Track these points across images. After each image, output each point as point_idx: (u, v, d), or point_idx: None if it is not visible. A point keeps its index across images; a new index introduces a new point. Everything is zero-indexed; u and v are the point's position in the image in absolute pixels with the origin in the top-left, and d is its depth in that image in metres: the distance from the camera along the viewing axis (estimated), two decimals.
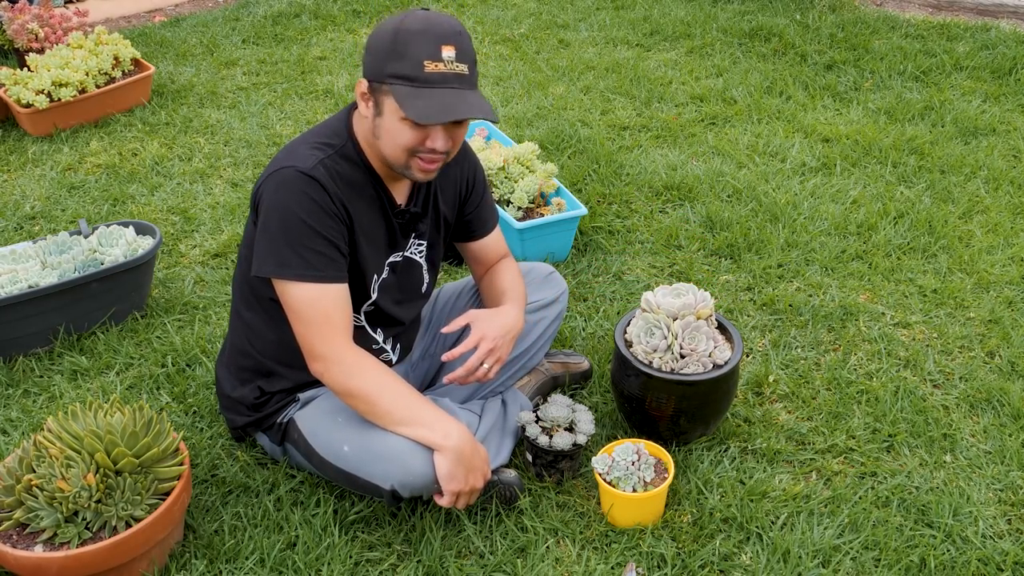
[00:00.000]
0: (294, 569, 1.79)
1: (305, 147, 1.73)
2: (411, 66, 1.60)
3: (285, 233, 1.68)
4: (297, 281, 1.70)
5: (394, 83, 1.62)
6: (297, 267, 1.69)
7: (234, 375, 1.97)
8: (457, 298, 2.22)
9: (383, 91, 1.64)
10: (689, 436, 2.07)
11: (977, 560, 1.80)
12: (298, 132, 3.76)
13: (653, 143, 3.63)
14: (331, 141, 1.75)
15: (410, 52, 1.60)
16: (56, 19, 4.13)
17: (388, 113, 1.66)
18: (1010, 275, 2.72)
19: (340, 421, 1.82)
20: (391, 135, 1.68)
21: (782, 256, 2.83)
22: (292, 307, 1.73)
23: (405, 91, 1.61)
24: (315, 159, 1.70)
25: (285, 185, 1.67)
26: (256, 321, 1.90)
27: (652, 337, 1.97)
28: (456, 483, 1.71)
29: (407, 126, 1.65)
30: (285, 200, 1.67)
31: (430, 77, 1.61)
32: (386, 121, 1.67)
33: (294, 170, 1.67)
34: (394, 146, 1.69)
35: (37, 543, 1.66)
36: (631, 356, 1.98)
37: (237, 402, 1.96)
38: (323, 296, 1.71)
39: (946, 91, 3.96)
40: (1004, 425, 2.16)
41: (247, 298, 1.90)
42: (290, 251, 1.68)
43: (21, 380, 2.35)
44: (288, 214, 1.67)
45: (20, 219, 3.13)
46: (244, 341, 1.93)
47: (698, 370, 1.94)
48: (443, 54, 1.61)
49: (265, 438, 1.99)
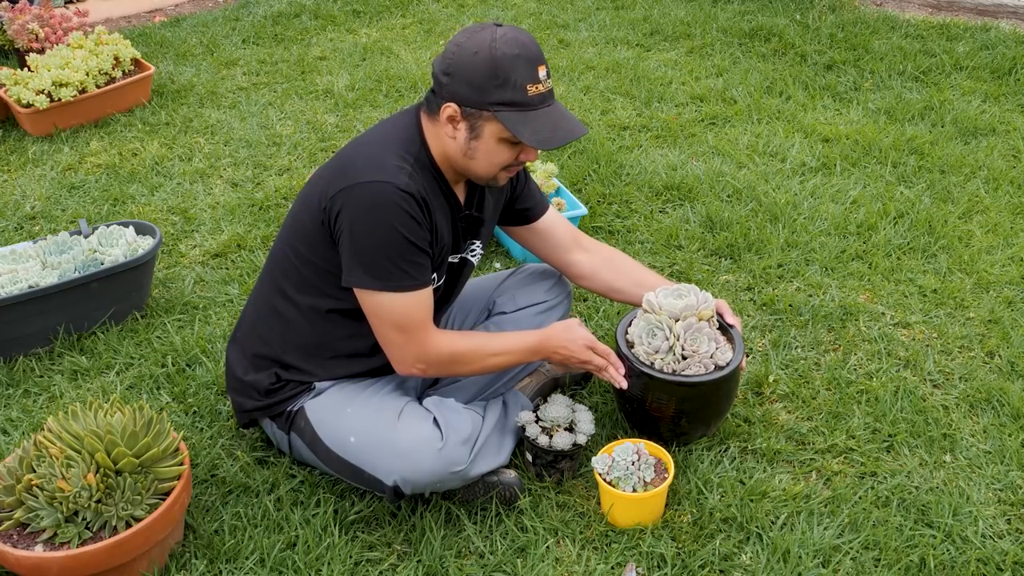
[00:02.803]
0: (294, 569, 1.79)
1: (389, 157, 1.73)
2: (515, 92, 1.66)
3: (386, 248, 1.70)
4: (397, 292, 1.73)
5: (500, 110, 1.66)
6: (398, 278, 1.72)
7: (249, 360, 1.95)
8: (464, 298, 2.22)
9: (484, 116, 1.68)
10: (690, 437, 2.07)
11: (977, 560, 1.80)
12: (298, 132, 3.76)
13: (653, 143, 3.63)
14: (410, 150, 1.76)
15: (512, 78, 1.65)
16: (56, 19, 4.13)
17: (488, 137, 1.70)
18: (1010, 275, 2.72)
19: (349, 412, 1.84)
20: (489, 156, 1.73)
21: (782, 256, 2.83)
22: (382, 315, 1.77)
23: (514, 117, 1.66)
24: (406, 173, 1.71)
25: (384, 202, 1.68)
26: (293, 313, 1.89)
27: (654, 338, 1.97)
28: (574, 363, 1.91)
29: (505, 147, 1.72)
30: (385, 216, 1.68)
31: (533, 100, 1.67)
32: (484, 144, 1.72)
33: (391, 186, 1.68)
34: (490, 165, 1.75)
35: (37, 543, 1.66)
36: (632, 357, 1.98)
37: (249, 386, 1.95)
38: (420, 301, 1.77)
39: (946, 91, 3.96)
40: (1004, 425, 2.16)
41: (284, 291, 1.90)
42: (392, 265, 1.71)
43: (21, 380, 2.36)
44: (389, 230, 1.69)
45: (20, 219, 3.13)
46: (273, 332, 1.92)
47: (699, 371, 1.94)
48: (540, 75, 1.67)
49: (272, 425, 1.99)
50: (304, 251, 1.82)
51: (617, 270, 2.15)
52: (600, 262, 2.15)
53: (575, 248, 2.14)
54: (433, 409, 1.85)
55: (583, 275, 2.15)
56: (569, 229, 2.15)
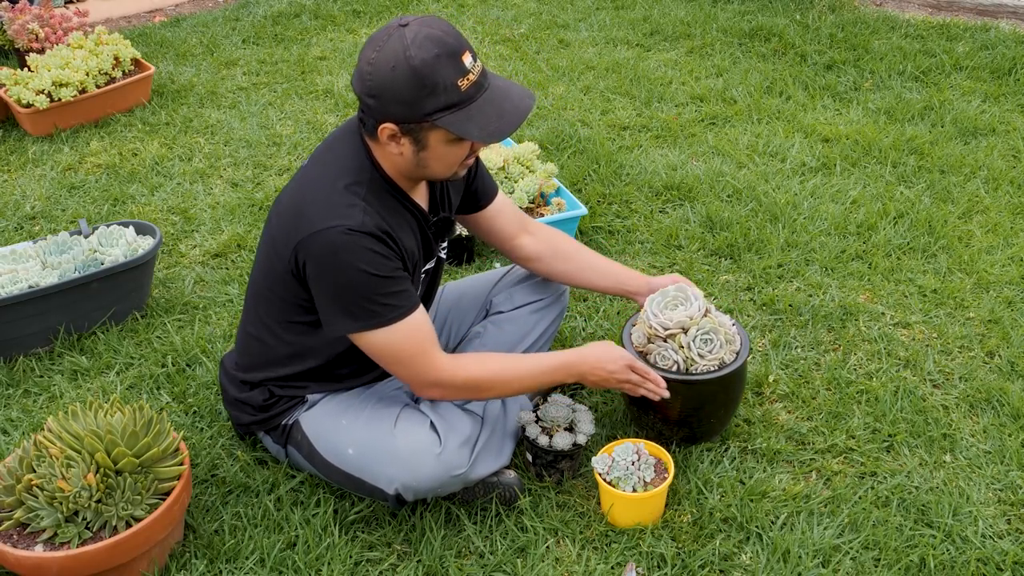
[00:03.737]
0: (294, 569, 1.79)
1: (338, 196, 1.65)
2: (448, 94, 1.56)
3: (358, 291, 1.65)
4: (385, 327, 1.68)
5: (439, 117, 1.58)
6: (382, 314, 1.67)
7: (241, 381, 1.95)
8: (461, 298, 2.22)
9: (424, 128, 1.61)
10: (704, 435, 2.06)
11: (977, 560, 1.80)
12: (298, 132, 3.75)
13: (653, 143, 3.63)
14: (359, 179, 1.69)
15: (440, 83, 1.55)
16: (56, 19, 4.13)
17: (435, 144, 1.63)
18: (1010, 275, 2.72)
19: (345, 424, 1.82)
20: (442, 159, 1.67)
21: (782, 256, 2.83)
22: (383, 352, 1.72)
23: (456, 119, 1.58)
24: (359, 209, 1.64)
25: (343, 248, 1.62)
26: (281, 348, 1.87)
27: (665, 361, 1.95)
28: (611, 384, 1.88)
29: (455, 146, 1.64)
30: (348, 261, 1.62)
31: (468, 93, 1.58)
32: (434, 151, 1.65)
33: (345, 229, 1.61)
34: (446, 166, 1.69)
35: (37, 543, 1.66)
36: (638, 357, 1.97)
37: (243, 403, 1.95)
38: (412, 328, 1.70)
39: (946, 91, 3.96)
40: (1004, 425, 2.16)
41: (268, 326, 1.86)
42: (369, 304, 1.66)
43: (21, 380, 2.36)
44: (357, 273, 1.63)
45: (20, 219, 3.13)
46: (261, 360, 1.91)
47: (707, 368, 1.93)
48: (466, 64, 1.58)
49: (268, 439, 1.99)
50: (283, 293, 1.78)
51: (561, 253, 2.11)
52: (545, 246, 2.11)
53: (521, 232, 2.11)
54: (430, 412, 1.85)
55: (527, 258, 2.11)
56: (517, 213, 2.11)
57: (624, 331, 2.05)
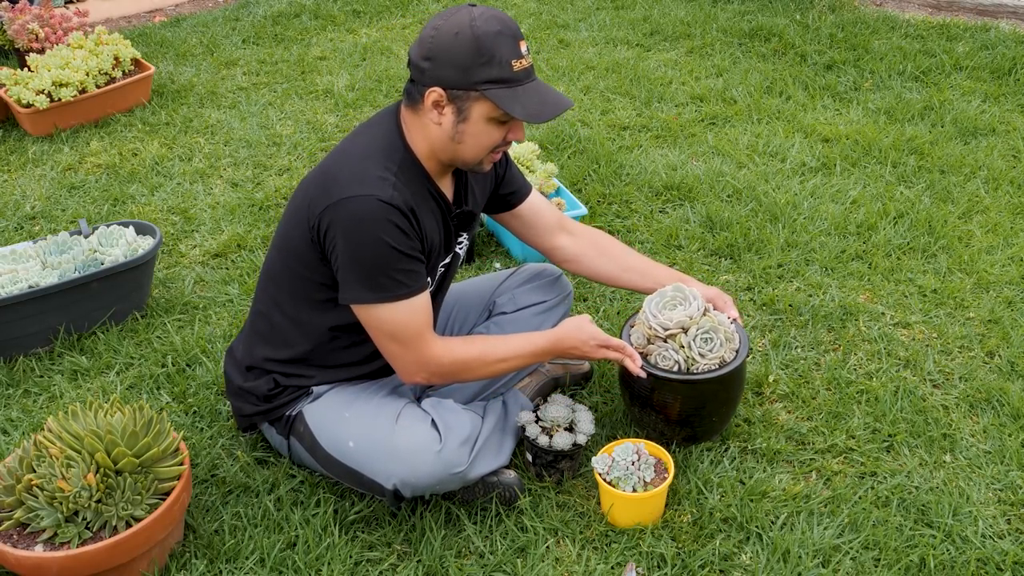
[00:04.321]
0: (294, 569, 1.79)
1: (372, 169, 1.70)
2: (502, 69, 1.63)
3: (376, 261, 1.68)
4: (392, 302, 1.72)
5: (488, 88, 1.64)
6: (392, 288, 1.71)
7: (247, 368, 1.96)
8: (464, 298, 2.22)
9: (472, 97, 1.66)
10: (705, 435, 2.06)
11: (977, 560, 1.80)
12: (298, 132, 3.76)
13: (653, 143, 3.63)
14: (392, 157, 1.74)
15: (497, 55, 1.63)
16: (56, 19, 4.13)
17: (476, 118, 1.68)
18: (1010, 275, 2.72)
19: (347, 416, 1.84)
20: (477, 138, 1.71)
21: (782, 256, 2.83)
22: (383, 328, 1.75)
23: (503, 94, 1.64)
24: (389, 184, 1.69)
25: (369, 216, 1.66)
26: (287, 326, 1.89)
27: (666, 361, 1.95)
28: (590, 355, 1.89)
29: (494, 127, 1.69)
30: (371, 230, 1.66)
31: (518, 75, 1.66)
32: (473, 126, 1.69)
33: (374, 199, 1.66)
34: (478, 147, 1.73)
35: (37, 543, 1.66)
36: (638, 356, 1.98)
37: (248, 392, 1.95)
38: (416, 309, 1.74)
39: (946, 91, 3.96)
40: (1004, 425, 2.16)
41: (279, 302, 1.89)
42: (384, 277, 1.70)
43: (21, 380, 2.36)
44: (378, 244, 1.67)
45: (20, 219, 3.13)
46: (269, 344, 1.92)
47: (706, 368, 1.93)
48: (522, 50, 1.66)
49: (271, 430, 1.99)
50: (296, 267, 1.81)
51: (604, 254, 2.13)
52: (587, 245, 2.12)
53: (559, 232, 2.12)
54: (431, 411, 1.85)
55: (568, 259, 2.13)
56: (554, 213, 2.13)
57: (623, 331, 2.05)
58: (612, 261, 2.12)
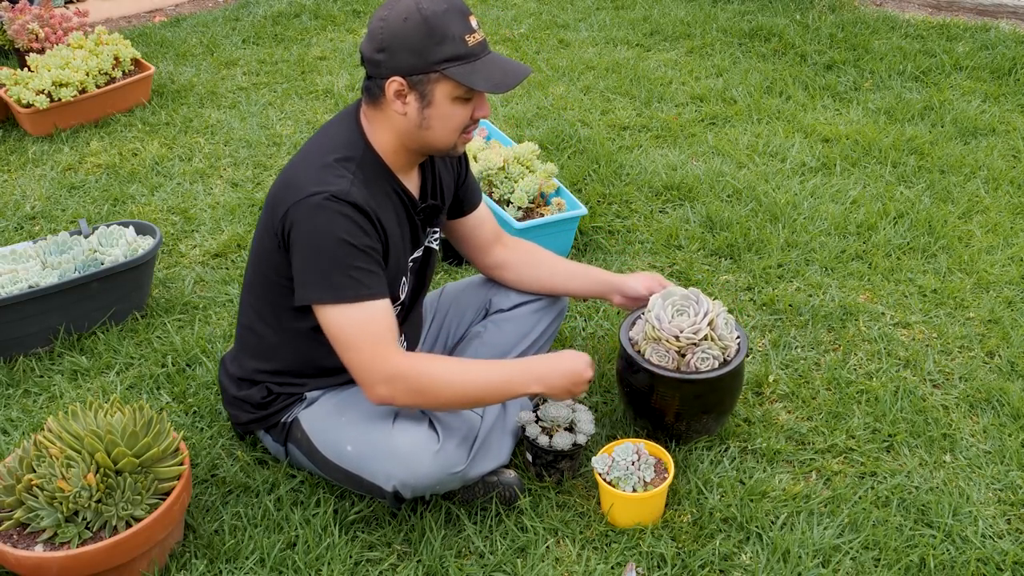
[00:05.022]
0: (294, 569, 1.79)
1: (328, 167, 1.69)
2: (456, 46, 1.63)
3: (331, 258, 1.65)
4: (348, 303, 1.67)
5: (447, 67, 1.63)
6: (348, 288, 1.66)
7: (239, 379, 1.96)
8: (460, 297, 2.22)
9: (431, 80, 1.65)
10: (703, 433, 2.06)
11: (977, 560, 1.80)
12: (298, 132, 3.76)
13: (653, 143, 3.63)
14: (350, 154, 1.72)
15: (450, 33, 1.62)
16: (56, 19, 4.13)
17: (440, 100, 1.67)
18: (1010, 275, 2.72)
19: (344, 421, 1.83)
20: (444, 120, 1.69)
21: (782, 256, 2.83)
22: (342, 330, 1.68)
23: (463, 70, 1.63)
24: (346, 180, 1.67)
25: (324, 213, 1.64)
26: (272, 337, 1.88)
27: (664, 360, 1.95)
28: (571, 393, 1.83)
29: (459, 106, 1.68)
30: (326, 226, 1.64)
31: (474, 49, 1.65)
32: (437, 108, 1.68)
33: (329, 195, 1.64)
34: (447, 130, 1.71)
35: (37, 543, 1.66)
36: (638, 356, 1.98)
37: (242, 401, 1.96)
38: (375, 314, 1.68)
39: (946, 91, 3.96)
40: (1004, 425, 2.16)
41: (261, 313, 1.88)
42: (340, 275, 1.65)
43: (21, 380, 2.36)
44: (331, 240, 1.64)
45: (20, 219, 3.13)
46: (254, 356, 1.92)
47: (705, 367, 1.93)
48: (473, 24, 1.66)
49: (268, 437, 1.99)
50: (270, 274, 1.79)
51: (535, 262, 2.13)
52: (516, 255, 2.14)
53: (496, 244, 2.13)
54: (429, 411, 1.85)
55: (498, 265, 2.13)
56: (495, 227, 2.14)
57: (622, 330, 2.05)
58: (540, 267, 2.13)
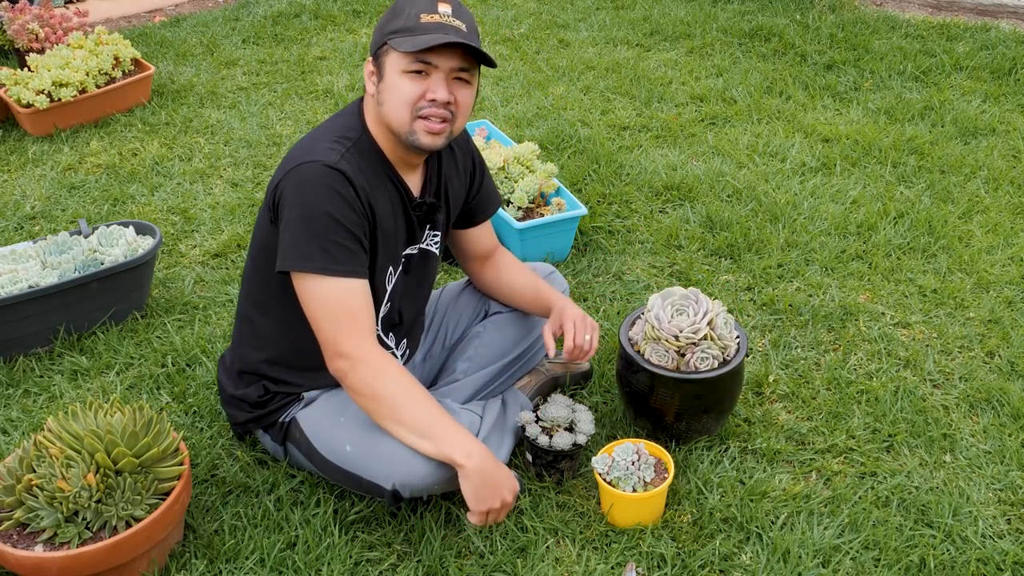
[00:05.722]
0: (294, 569, 1.79)
1: (324, 142, 1.71)
2: (407, 20, 1.65)
3: (309, 226, 1.65)
4: (322, 275, 1.66)
5: (392, 38, 1.65)
6: (321, 260, 1.65)
7: (237, 376, 1.96)
8: (459, 297, 2.22)
9: (383, 53, 1.68)
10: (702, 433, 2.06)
11: (977, 560, 1.80)
12: (298, 132, 3.76)
13: (653, 143, 3.63)
14: (348, 135, 1.74)
15: (407, 10, 1.66)
16: (56, 19, 4.13)
17: (389, 71, 1.68)
18: (1010, 275, 2.72)
19: (343, 421, 1.83)
20: (392, 93, 1.68)
21: (782, 256, 2.83)
22: (315, 302, 1.69)
23: (402, 40, 1.64)
24: (337, 153, 1.69)
25: (310, 179, 1.65)
26: (268, 326, 1.88)
27: (664, 360, 1.96)
28: (484, 503, 1.67)
29: (407, 79, 1.66)
30: (310, 194, 1.65)
31: (426, 26, 1.64)
32: (387, 81, 1.68)
33: (319, 164, 1.66)
34: (397, 105, 1.68)
35: (37, 543, 1.66)
36: (637, 355, 1.98)
37: (240, 399, 1.95)
38: (349, 291, 1.68)
39: (946, 91, 3.96)
40: (1004, 425, 2.16)
41: (258, 302, 1.89)
42: (315, 245, 1.65)
43: (21, 380, 2.36)
44: (313, 207, 1.65)
45: (20, 219, 3.13)
46: (251, 346, 1.92)
47: (704, 367, 1.93)
48: (439, 8, 1.66)
49: (267, 437, 1.99)
50: (265, 261, 1.79)
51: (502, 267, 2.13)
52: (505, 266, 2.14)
53: (488, 257, 2.14)
54: None
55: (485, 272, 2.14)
56: (493, 240, 2.14)
57: (622, 330, 2.06)
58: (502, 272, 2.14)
